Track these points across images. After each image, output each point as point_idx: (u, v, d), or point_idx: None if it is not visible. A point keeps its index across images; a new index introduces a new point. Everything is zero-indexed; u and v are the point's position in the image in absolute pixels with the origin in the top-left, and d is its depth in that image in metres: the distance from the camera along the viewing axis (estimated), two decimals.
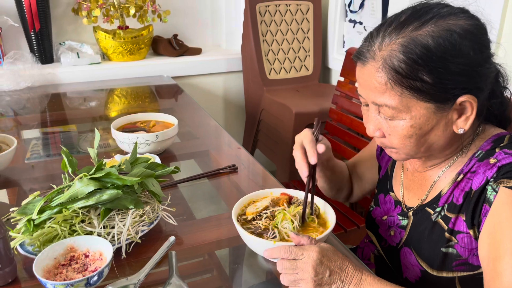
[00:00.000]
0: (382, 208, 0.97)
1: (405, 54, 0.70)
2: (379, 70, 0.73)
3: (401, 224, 0.90)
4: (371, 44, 0.74)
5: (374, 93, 0.75)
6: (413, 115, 0.73)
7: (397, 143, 0.78)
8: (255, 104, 2.33)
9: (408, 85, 0.71)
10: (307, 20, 2.33)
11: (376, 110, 0.77)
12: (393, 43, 0.72)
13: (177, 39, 2.37)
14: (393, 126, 0.76)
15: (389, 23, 0.74)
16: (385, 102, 0.74)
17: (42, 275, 0.71)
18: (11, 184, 1.17)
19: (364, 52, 0.75)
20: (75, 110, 1.87)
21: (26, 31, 2.09)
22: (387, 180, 0.98)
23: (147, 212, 0.89)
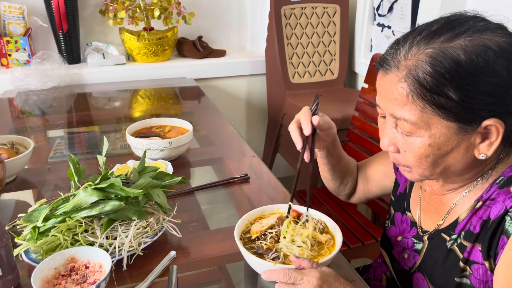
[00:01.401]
0: (398, 227, 0.93)
1: (432, 66, 0.65)
2: (402, 81, 0.68)
3: (416, 247, 0.85)
4: (396, 52, 0.69)
5: (393, 104, 0.70)
6: (432, 133, 0.68)
7: (412, 162, 0.73)
8: (277, 108, 2.29)
9: (431, 100, 0.66)
10: (333, 23, 2.28)
11: (393, 123, 0.73)
12: (420, 53, 0.67)
13: (201, 41, 2.37)
14: (410, 142, 0.71)
15: (419, 31, 0.69)
16: (404, 116, 0.69)
17: (41, 286, 0.72)
18: (31, 185, 1.19)
19: (388, 60, 0.70)
20: (100, 110, 1.90)
21: (54, 31, 2.14)
22: (404, 199, 0.93)
23: (151, 223, 0.88)
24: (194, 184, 1.18)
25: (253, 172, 1.24)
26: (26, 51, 2.09)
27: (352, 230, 1.58)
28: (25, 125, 1.72)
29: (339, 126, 1.93)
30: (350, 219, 1.65)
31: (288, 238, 0.79)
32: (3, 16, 2.07)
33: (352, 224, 1.62)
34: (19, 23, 2.09)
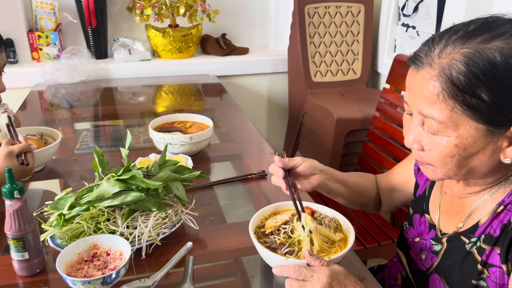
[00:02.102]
0: (416, 229, 0.93)
1: (467, 66, 0.64)
2: (434, 79, 0.67)
3: (434, 249, 0.85)
4: (430, 49, 0.69)
5: (422, 102, 0.70)
6: (460, 133, 0.68)
7: (436, 161, 0.73)
8: (298, 107, 2.30)
9: (463, 100, 0.65)
10: (357, 22, 2.27)
11: (420, 121, 0.72)
12: (456, 52, 0.66)
13: (225, 39, 2.40)
14: (436, 141, 0.71)
15: (455, 30, 0.69)
16: (433, 115, 0.68)
17: (64, 270, 0.76)
18: (59, 175, 1.25)
19: (421, 57, 0.70)
20: (124, 105, 1.95)
21: (83, 27, 2.21)
22: (423, 201, 0.93)
23: (170, 215, 0.91)
24: (213, 179, 1.21)
25: None
26: (56, 45, 2.17)
27: (368, 230, 1.58)
28: (53, 117, 1.79)
29: (360, 126, 1.94)
30: (368, 219, 1.65)
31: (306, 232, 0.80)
32: (35, 12, 2.15)
33: (369, 224, 1.62)
34: (50, 19, 2.17)
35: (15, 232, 0.77)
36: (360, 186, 1.07)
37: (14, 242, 0.78)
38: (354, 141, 1.98)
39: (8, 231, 0.77)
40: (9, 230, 0.77)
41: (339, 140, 1.94)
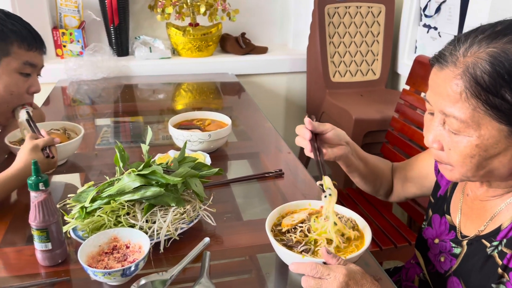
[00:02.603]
0: (435, 229, 0.92)
1: (492, 66, 0.64)
2: (457, 77, 0.67)
3: (453, 251, 0.85)
4: (455, 48, 0.69)
5: (445, 101, 0.69)
6: (481, 133, 0.68)
7: (456, 161, 0.72)
8: (316, 106, 2.30)
9: (486, 99, 0.65)
10: (377, 23, 2.25)
11: (441, 120, 0.72)
12: (481, 51, 0.66)
13: (244, 38, 2.41)
14: (456, 141, 0.70)
15: (481, 30, 0.69)
16: (454, 113, 0.68)
17: (85, 261, 0.78)
18: (80, 169, 1.28)
19: (446, 56, 0.70)
20: (144, 102, 1.98)
21: (106, 25, 2.25)
22: (444, 201, 0.92)
23: (188, 210, 0.93)
24: (230, 176, 1.23)
25: (288, 168, 1.27)
26: (80, 43, 2.22)
27: (385, 232, 1.57)
28: (75, 113, 1.83)
29: (378, 127, 1.93)
30: (384, 221, 1.64)
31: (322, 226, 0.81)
32: (59, 9, 2.20)
33: (386, 226, 1.61)
34: (74, 16, 2.22)
35: (39, 223, 0.80)
36: (378, 169, 1.08)
37: (38, 233, 0.81)
38: (372, 142, 1.97)
39: (32, 222, 0.80)
40: (33, 221, 0.80)
41: (357, 141, 1.92)
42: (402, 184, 1.08)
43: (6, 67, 1.12)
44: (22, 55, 1.13)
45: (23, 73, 1.15)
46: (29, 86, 1.19)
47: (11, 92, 1.14)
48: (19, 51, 1.13)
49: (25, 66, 1.15)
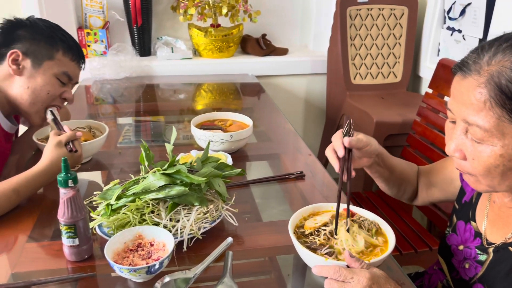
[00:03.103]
0: (460, 236, 0.91)
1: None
2: (481, 86, 0.67)
3: (479, 258, 0.83)
4: (479, 56, 0.69)
5: (468, 109, 0.69)
6: (506, 143, 0.67)
7: (479, 171, 0.71)
8: (336, 109, 2.29)
9: (511, 108, 0.65)
10: (400, 25, 2.23)
11: (464, 129, 0.72)
12: (506, 60, 0.66)
13: (265, 39, 2.42)
14: (479, 150, 0.70)
15: (505, 38, 0.68)
16: (478, 122, 0.68)
17: (111, 257, 0.80)
18: (103, 166, 1.30)
19: (469, 64, 0.69)
20: (165, 102, 2.01)
21: (129, 25, 2.29)
22: (470, 208, 0.91)
23: (210, 210, 0.94)
24: (250, 177, 1.23)
25: (309, 170, 1.27)
26: (104, 43, 2.26)
27: (405, 237, 1.56)
28: (98, 111, 1.86)
29: (399, 130, 1.91)
30: (404, 225, 1.63)
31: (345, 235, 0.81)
32: (85, 10, 2.25)
33: (406, 230, 1.60)
34: (99, 17, 2.26)
35: (67, 219, 0.82)
36: (404, 175, 1.07)
37: (66, 229, 0.83)
38: (393, 146, 1.95)
39: (61, 218, 0.82)
40: (62, 216, 0.82)
41: None
42: (426, 189, 1.07)
43: (48, 69, 1.20)
44: (64, 64, 1.22)
45: (60, 80, 1.23)
46: (63, 92, 1.26)
47: (48, 92, 1.22)
48: (63, 58, 1.22)
49: (63, 75, 1.23)
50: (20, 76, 1.18)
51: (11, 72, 1.17)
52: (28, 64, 1.18)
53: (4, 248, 0.91)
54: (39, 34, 1.19)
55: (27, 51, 1.17)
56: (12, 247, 0.91)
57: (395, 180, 1.05)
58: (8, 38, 1.18)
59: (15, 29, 1.19)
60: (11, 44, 1.18)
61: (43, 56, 1.19)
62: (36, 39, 1.18)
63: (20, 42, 1.18)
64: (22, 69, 1.18)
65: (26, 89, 1.19)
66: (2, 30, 1.20)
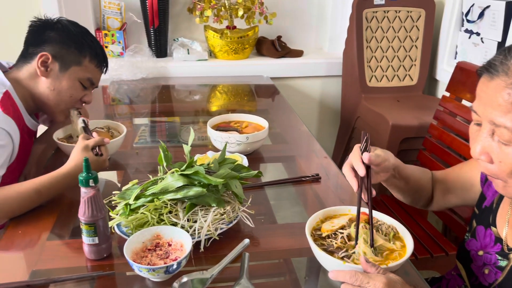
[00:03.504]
0: (480, 241, 0.90)
1: None
2: (510, 87, 0.66)
3: (499, 264, 0.83)
4: (506, 57, 0.68)
5: (495, 111, 0.68)
6: None
7: (508, 174, 0.70)
8: (351, 111, 2.28)
9: None
10: (417, 27, 2.21)
11: (490, 131, 0.71)
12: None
13: (280, 41, 2.42)
14: (507, 153, 0.69)
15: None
16: (505, 123, 0.67)
17: (130, 256, 0.81)
18: (120, 166, 1.32)
19: (496, 65, 0.69)
20: (180, 103, 2.02)
21: (146, 27, 2.31)
22: (490, 213, 0.90)
23: (227, 211, 0.94)
24: (264, 179, 1.23)
25: (324, 173, 1.27)
26: (121, 44, 2.28)
27: (421, 241, 1.54)
28: (115, 112, 1.89)
29: (415, 133, 1.90)
30: (420, 229, 1.61)
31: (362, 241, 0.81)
32: (103, 11, 2.28)
33: (421, 234, 1.58)
34: (117, 18, 2.29)
35: (88, 218, 0.83)
36: (419, 183, 1.06)
37: (86, 227, 0.84)
38: (408, 149, 1.93)
39: (81, 216, 0.84)
40: (82, 215, 0.83)
41: (393, 147, 1.91)
42: (443, 195, 1.06)
43: (73, 74, 1.23)
44: (89, 70, 1.26)
45: (83, 84, 1.27)
46: (84, 95, 1.30)
47: (71, 95, 1.26)
48: (89, 65, 1.25)
49: (87, 81, 1.27)
50: (46, 78, 1.21)
51: (38, 73, 1.20)
52: (56, 67, 1.21)
53: (25, 246, 0.93)
54: (69, 39, 1.21)
55: (56, 55, 1.20)
56: (34, 245, 0.93)
57: (410, 189, 1.04)
58: (37, 38, 1.21)
59: (45, 30, 1.21)
60: (41, 45, 1.20)
61: (71, 61, 1.22)
62: (66, 43, 1.20)
63: (50, 45, 1.20)
64: (49, 72, 1.20)
65: (52, 90, 1.22)
66: (32, 29, 1.22)
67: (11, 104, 1.14)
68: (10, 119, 1.09)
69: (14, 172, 1.16)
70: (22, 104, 1.20)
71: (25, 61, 1.21)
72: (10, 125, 1.08)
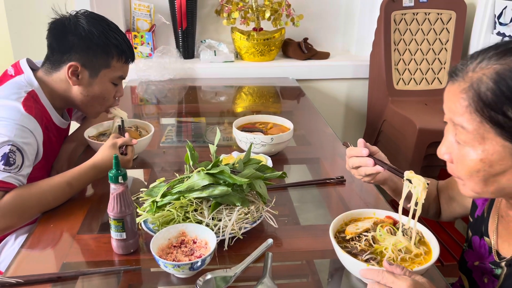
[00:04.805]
0: (476, 252, 0.90)
1: (495, 83, 0.65)
2: (463, 91, 0.68)
3: (495, 272, 0.83)
4: (467, 63, 0.71)
5: (454, 112, 0.71)
6: (486, 148, 0.68)
7: (463, 175, 0.73)
8: (378, 114, 2.26)
9: (489, 116, 0.66)
10: (447, 30, 2.17)
11: (454, 130, 0.73)
12: (489, 67, 0.67)
13: (306, 43, 2.42)
14: (463, 154, 0.71)
15: (496, 46, 0.70)
16: (462, 123, 0.69)
17: (156, 252, 0.83)
18: (147, 165, 1.35)
19: (458, 70, 0.71)
20: (207, 103, 2.05)
21: (174, 28, 2.35)
22: (482, 222, 0.90)
23: (251, 211, 0.95)
24: (288, 180, 1.24)
25: (349, 175, 1.26)
26: (150, 45, 2.33)
27: (447, 247, 1.51)
28: (143, 111, 1.93)
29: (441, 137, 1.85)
30: (446, 235, 1.58)
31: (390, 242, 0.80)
32: (133, 13, 2.33)
33: (447, 241, 1.55)
34: (146, 20, 2.34)
35: (116, 214, 0.86)
36: None
37: (115, 223, 0.87)
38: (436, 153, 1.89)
39: (110, 212, 0.86)
40: (111, 211, 0.86)
41: (420, 151, 1.87)
42: (447, 204, 1.05)
43: (103, 77, 1.23)
44: (118, 69, 1.25)
45: (114, 83, 1.27)
46: (116, 92, 1.30)
47: (104, 97, 1.26)
48: (117, 64, 1.24)
49: (118, 79, 1.27)
50: (79, 85, 1.21)
51: (70, 83, 1.20)
52: (86, 75, 1.20)
53: (57, 239, 0.97)
54: (95, 45, 1.18)
55: (84, 63, 1.18)
56: (64, 238, 0.97)
57: None
58: (61, 44, 1.18)
59: (67, 34, 1.17)
60: (66, 52, 1.18)
61: (100, 65, 1.20)
62: (92, 49, 1.18)
63: (76, 53, 1.17)
64: (80, 80, 1.20)
65: (85, 96, 1.22)
66: (54, 32, 1.19)
67: (35, 103, 1.15)
68: (32, 118, 1.10)
69: (42, 169, 1.19)
70: (49, 103, 1.21)
71: (53, 67, 1.20)
72: (32, 123, 1.10)
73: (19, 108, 1.09)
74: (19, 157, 1.03)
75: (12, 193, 0.99)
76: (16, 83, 1.16)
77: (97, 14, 1.25)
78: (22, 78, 1.18)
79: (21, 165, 1.03)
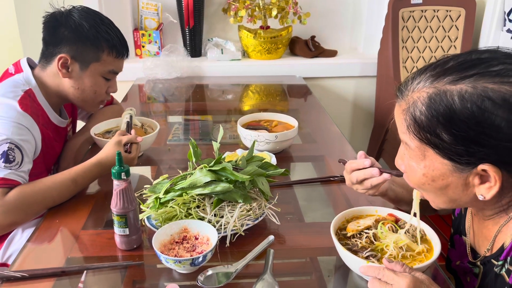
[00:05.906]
0: (457, 250, 0.91)
1: (428, 108, 0.67)
2: (403, 112, 0.71)
3: (474, 271, 0.84)
4: (408, 83, 0.72)
5: (400, 129, 0.74)
6: (427, 164, 0.70)
7: (414, 186, 0.77)
8: (385, 112, 2.24)
9: (425, 137, 0.68)
10: (456, 27, 2.15)
11: (404, 144, 0.75)
12: (424, 90, 0.68)
13: (314, 41, 2.41)
14: (410, 166, 0.74)
15: (435, 66, 0.70)
16: (406, 141, 0.72)
17: (158, 248, 0.84)
18: (153, 162, 1.36)
19: (402, 89, 0.72)
20: (213, 101, 2.06)
21: (182, 27, 2.36)
22: (461, 221, 0.91)
23: (254, 208, 0.96)
24: (293, 178, 1.24)
25: None
26: (157, 43, 2.35)
27: None
28: (150, 109, 1.94)
29: None
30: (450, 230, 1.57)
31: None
32: (141, 12, 2.35)
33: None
34: (154, 18, 2.35)
35: (119, 209, 0.87)
36: None
37: (118, 218, 0.88)
38: None
39: (113, 208, 0.87)
40: (114, 207, 0.87)
41: None
42: None
43: (94, 70, 1.23)
44: (109, 63, 1.25)
45: (106, 78, 1.27)
46: (108, 87, 1.31)
47: (95, 91, 1.27)
48: (108, 58, 1.24)
49: (109, 73, 1.27)
50: (69, 78, 1.22)
51: (60, 75, 1.21)
52: (76, 67, 1.20)
53: (62, 234, 0.98)
54: (84, 37, 1.18)
55: (74, 55, 1.19)
56: (69, 233, 0.98)
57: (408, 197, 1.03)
58: (53, 37, 1.19)
59: (59, 27, 1.18)
60: (58, 45, 1.19)
61: (90, 58, 1.21)
62: (82, 41, 1.18)
63: (67, 45, 1.18)
64: (71, 72, 1.21)
65: (76, 89, 1.23)
66: (48, 26, 1.20)
67: (31, 102, 1.16)
68: (28, 116, 1.11)
69: (39, 166, 1.19)
70: (46, 102, 1.23)
71: (46, 61, 1.22)
72: (28, 121, 1.11)
73: (15, 106, 1.10)
74: (18, 154, 1.04)
75: (17, 190, 1.01)
76: (14, 82, 1.18)
77: (92, 10, 1.25)
78: (20, 76, 1.20)
79: (21, 161, 1.04)
